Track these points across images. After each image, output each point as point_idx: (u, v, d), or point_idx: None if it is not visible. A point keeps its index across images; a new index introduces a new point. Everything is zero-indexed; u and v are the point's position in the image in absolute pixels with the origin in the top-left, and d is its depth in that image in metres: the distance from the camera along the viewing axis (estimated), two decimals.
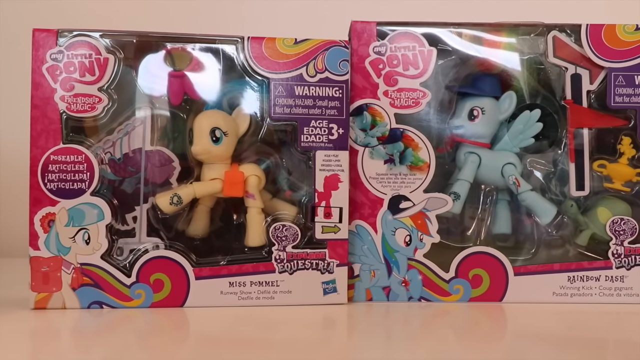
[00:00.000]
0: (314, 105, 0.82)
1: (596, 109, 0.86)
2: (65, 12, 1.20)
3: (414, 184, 0.84)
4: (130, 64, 0.81)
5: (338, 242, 0.82)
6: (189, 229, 0.84)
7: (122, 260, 0.80)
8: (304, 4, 1.20)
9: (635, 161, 0.86)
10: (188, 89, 0.82)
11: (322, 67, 0.82)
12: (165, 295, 0.80)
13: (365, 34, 0.84)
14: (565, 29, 0.85)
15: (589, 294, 0.85)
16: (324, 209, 0.82)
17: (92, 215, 0.78)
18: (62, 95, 0.78)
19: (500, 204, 0.89)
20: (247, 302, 0.81)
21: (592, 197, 0.87)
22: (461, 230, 0.88)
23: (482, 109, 0.86)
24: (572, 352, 0.67)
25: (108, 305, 0.79)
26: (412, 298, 0.85)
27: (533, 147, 0.88)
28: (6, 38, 1.22)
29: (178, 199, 0.80)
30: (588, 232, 0.87)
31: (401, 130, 0.84)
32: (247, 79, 0.83)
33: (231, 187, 0.81)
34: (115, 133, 0.81)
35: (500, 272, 0.85)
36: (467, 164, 0.87)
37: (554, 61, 0.86)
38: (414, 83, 0.84)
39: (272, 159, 0.85)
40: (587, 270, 0.85)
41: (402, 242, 0.84)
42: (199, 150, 0.80)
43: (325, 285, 0.82)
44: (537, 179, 0.88)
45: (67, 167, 0.78)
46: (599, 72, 0.85)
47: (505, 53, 0.86)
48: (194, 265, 0.80)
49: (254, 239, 0.82)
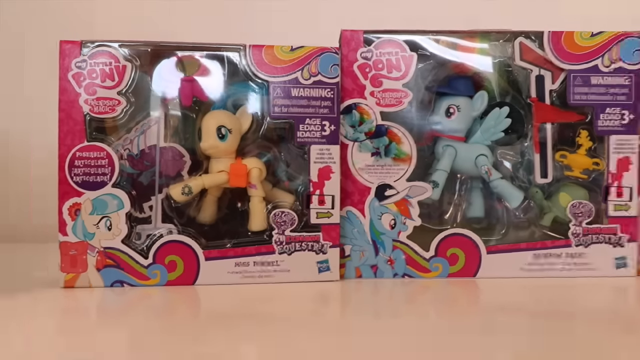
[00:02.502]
0: (308, 105, 0.82)
1: (558, 106, 0.86)
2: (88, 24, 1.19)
3: (398, 174, 0.84)
4: (146, 71, 0.81)
5: (331, 226, 0.82)
6: (198, 216, 0.84)
7: (140, 244, 0.81)
8: (299, 16, 1.20)
9: (591, 152, 0.86)
10: (197, 92, 0.82)
11: (315, 71, 0.82)
12: (178, 275, 0.80)
13: (354, 41, 0.84)
14: (530, 36, 0.85)
15: (552, 269, 0.85)
16: (318, 197, 0.82)
17: (113, 205, 0.79)
18: (86, 99, 0.78)
19: (474, 191, 0.89)
20: (251, 280, 0.81)
21: (555, 184, 0.88)
22: (440, 214, 0.88)
23: (458, 106, 0.86)
24: (538, 320, 0.67)
25: (128, 284, 0.79)
26: (397, 275, 0.85)
27: (503, 140, 0.88)
28: (35, 49, 1.22)
29: (189, 189, 0.80)
30: (551, 214, 0.88)
31: (386, 127, 0.84)
32: (249, 82, 0.82)
33: (236, 178, 0.81)
34: (132, 132, 0.82)
35: (474, 251, 0.85)
36: (445, 155, 0.87)
37: (520, 64, 0.86)
38: (397, 84, 0.84)
39: (272, 153, 0.85)
40: (551, 248, 0.85)
41: (387, 225, 0.85)
42: (207, 146, 0.81)
43: (319, 265, 0.82)
44: (507, 168, 0.88)
45: (91, 162, 0.78)
46: (560, 73, 0.85)
47: (478, 57, 0.87)
48: (203, 248, 0.80)
49: (256, 224, 0.82)
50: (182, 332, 0.63)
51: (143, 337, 0.62)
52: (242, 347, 0.59)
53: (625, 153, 0.85)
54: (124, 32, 0.87)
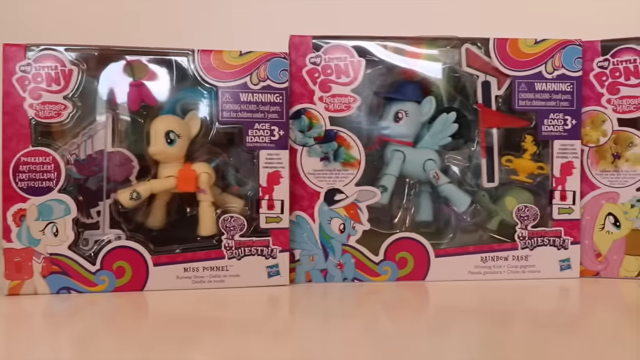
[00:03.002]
0: (257, 110, 0.82)
1: (503, 111, 0.88)
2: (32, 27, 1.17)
3: (347, 179, 0.85)
4: (93, 75, 0.81)
5: (280, 230, 0.83)
6: (147, 221, 0.84)
7: (88, 250, 0.80)
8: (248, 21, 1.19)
9: (536, 156, 0.88)
10: (145, 96, 0.82)
11: (264, 76, 0.82)
12: (126, 281, 0.80)
13: (303, 46, 0.85)
14: (476, 42, 0.87)
15: (499, 272, 0.87)
16: (267, 202, 0.82)
17: (60, 210, 0.78)
18: (31, 103, 0.78)
19: (422, 195, 0.90)
20: (200, 285, 0.81)
21: (501, 188, 0.89)
22: (389, 219, 0.89)
23: (406, 112, 0.88)
24: (486, 321, 0.68)
25: (75, 291, 0.79)
26: (347, 279, 0.86)
27: (450, 145, 0.89)
28: None
29: (137, 194, 0.80)
30: (498, 218, 0.89)
31: (335, 131, 0.85)
32: (198, 87, 0.83)
33: (185, 183, 0.81)
34: (79, 137, 0.81)
35: (423, 254, 0.86)
36: (393, 160, 0.87)
37: (467, 70, 0.87)
38: (346, 89, 0.85)
39: (221, 158, 0.85)
40: (498, 251, 0.87)
41: (337, 229, 0.85)
42: (155, 150, 0.81)
43: (269, 269, 0.83)
44: (454, 172, 0.89)
45: (36, 167, 0.78)
46: (505, 79, 0.87)
47: (426, 63, 0.88)
48: (152, 254, 0.80)
49: (205, 229, 0.82)
50: (130, 338, 0.63)
51: (89, 343, 0.62)
52: (191, 353, 0.59)
53: (569, 157, 0.87)
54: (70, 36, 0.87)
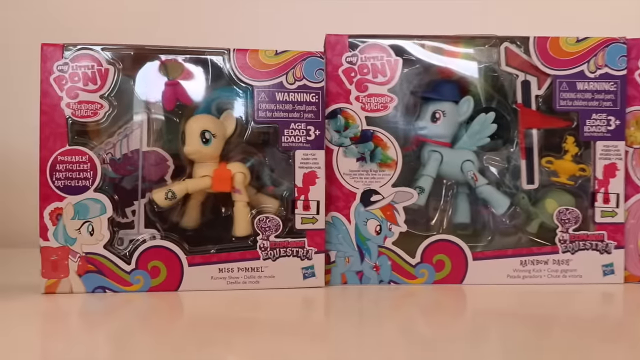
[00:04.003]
0: (293, 110, 0.83)
1: (544, 111, 0.88)
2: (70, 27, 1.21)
3: (383, 179, 0.86)
4: (128, 74, 0.82)
5: (316, 231, 0.84)
6: (182, 221, 0.85)
7: (123, 249, 0.82)
8: (284, 20, 1.21)
9: (577, 158, 0.88)
10: (180, 96, 0.84)
11: (300, 75, 0.83)
12: (161, 281, 0.81)
13: (339, 45, 0.86)
14: (515, 41, 0.87)
15: (539, 276, 0.87)
16: (303, 202, 0.83)
17: (96, 209, 0.80)
18: (68, 102, 0.80)
19: (460, 197, 0.90)
20: (235, 286, 0.82)
21: (541, 190, 0.89)
22: (426, 220, 0.89)
23: (444, 112, 0.88)
24: (524, 326, 0.68)
25: (110, 290, 0.81)
26: (382, 281, 0.86)
27: (489, 146, 0.89)
28: (17, 52, 1.23)
29: (172, 194, 0.82)
30: (537, 221, 0.89)
31: (371, 132, 0.86)
32: (233, 87, 0.84)
33: (220, 183, 0.82)
34: (115, 136, 0.83)
35: (460, 257, 0.86)
36: (431, 161, 0.88)
37: (506, 69, 0.87)
38: (382, 89, 0.86)
39: (256, 157, 0.86)
40: (537, 255, 0.87)
41: (373, 231, 0.86)
42: (191, 150, 0.82)
43: (304, 271, 0.84)
44: (493, 174, 0.90)
45: (73, 166, 0.80)
46: (546, 79, 0.87)
47: (463, 62, 0.88)
48: (187, 254, 0.82)
49: (240, 230, 0.83)
50: (164, 338, 0.64)
51: (124, 342, 0.63)
52: (225, 354, 0.60)
53: (612, 159, 0.87)
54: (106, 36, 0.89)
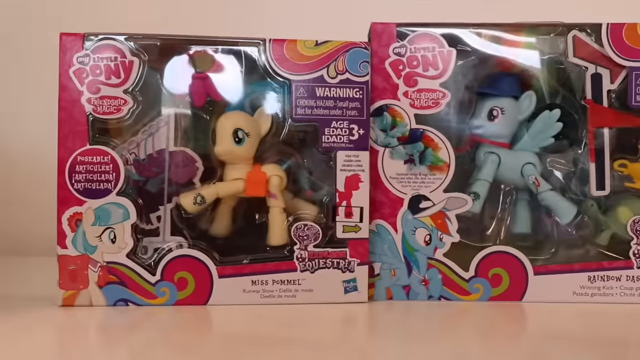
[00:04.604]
0: (334, 106, 0.82)
1: (617, 108, 0.85)
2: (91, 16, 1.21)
3: (434, 184, 0.84)
4: (154, 67, 0.81)
5: (359, 241, 0.82)
6: (212, 228, 0.84)
7: (147, 258, 0.80)
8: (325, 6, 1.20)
9: None
10: (211, 91, 0.82)
11: (342, 68, 0.82)
12: (189, 293, 0.80)
13: (385, 35, 0.84)
14: (585, 29, 0.84)
15: (610, 294, 0.84)
16: (345, 209, 0.82)
17: (118, 215, 0.79)
18: (89, 98, 0.79)
19: (519, 204, 0.88)
20: (269, 300, 0.81)
21: (613, 197, 0.86)
22: (481, 230, 0.87)
23: (502, 109, 0.86)
24: (594, 352, 0.66)
25: (133, 303, 0.79)
26: (432, 297, 0.85)
27: (553, 147, 0.87)
28: (34, 42, 1.24)
29: (201, 198, 0.80)
30: (609, 231, 0.86)
31: (421, 131, 0.84)
32: (269, 81, 0.82)
33: (253, 187, 0.81)
34: (139, 134, 0.82)
35: (520, 271, 0.84)
36: (487, 163, 0.86)
37: (574, 61, 0.85)
38: (434, 84, 0.84)
39: (293, 159, 0.85)
40: (608, 270, 0.84)
41: (422, 241, 0.84)
42: (222, 150, 0.81)
43: (346, 284, 0.82)
44: (557, 178, 0.87)
45: (94, 167, 0.78)
46: (620, 71, 0.84)
47: (525, 53, 0.86)
48: (217, 264, 0.80)
49: (276, 238, 0.82)
50: (191, 356, 0.63)
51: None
52: None
53: None
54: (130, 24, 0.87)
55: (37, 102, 1.15)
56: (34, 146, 1.23)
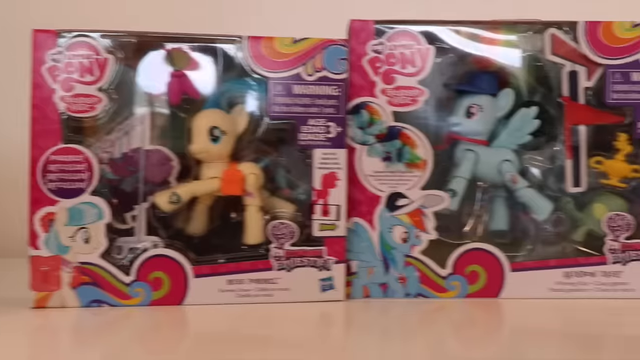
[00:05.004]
0: (312, 104, 0.82)
1: (593, 105, 0.85)
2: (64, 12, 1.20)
3: (411, 181, 0.84)
4: (130, 64, 0.81)
5: (336, 239, 0.82)
6: (188, 227, 0.83)
7: (121, 259, 0.80)
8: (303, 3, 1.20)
9: (631, 157, 0.85)
10: (187, 88, 0.82)
11: (320, 65, 0.82)
12: (164, 294, 0.80)
13: (364, 32, 0.84)
14: (562, 27, 0.85)
15: (585, 290, 0.85)
16: (321, 207, 0.82)
17: (92, 215, 0.78)
18: (62, 96, 0.78)
19: (497, 201, 0.88)
20: (246, 300, 0.81)
21: (589, 193, 0.87)
22: (458, 227, 0.88)
23: (480, 106, 0.86)
24: (569, 347, 0.67)
25: (107, 304, 0.79)
26: (409, 294, 0.85)
27: (530, 144, 0.87)
28: (6, 39, 1.22)
29: (177, 197, 0.80)
30: (584, 228, 0.87)
31: (398, 128, 0.84)
32: (246, 78, 0.82)
33: (230, 185, 0.81)
34: (114, 133, 0.81)
35: (497, 268, 0.84)
36: (465, 161, 0.86)
37: (551, 58, 0.85)
38: (412, 81, 0.84)
39: (270, 157, 0.84)
40: (583, 265, 0.85)
41: (399, 239, 0.84)
42: (197, 149, 0.80)
43: (322, 282, 0.82)
44: (534, 175, 0.88)
45: (67, 166, 0.78)
46: (596, 69, 0.85)
47: (503, 50, 0.86)
48: (192, 264, 0.80)
49: (252, 237, 0.82)
50: (166, 357, 0.63)
51: None
52: None
53: None
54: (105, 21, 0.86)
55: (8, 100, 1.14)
56: (5, 145, 1.22)
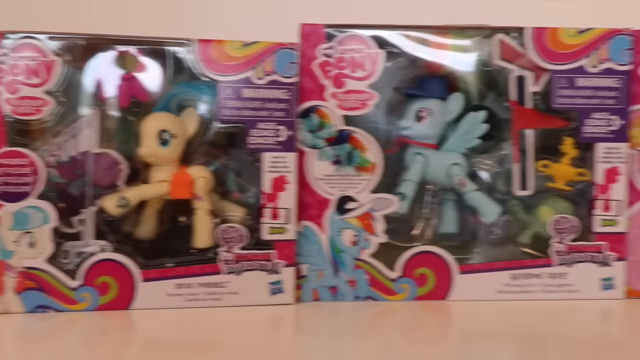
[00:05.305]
0: (262, 108, 0.81)
1: (540, 110, 0.86)
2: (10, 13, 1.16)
3: (361, 185, 0.84)
4: (78, 66, 0.79)
5: (285, 242, 0.82)
6: (136, 231, 0.83)
7: (68, 263, 0.79)
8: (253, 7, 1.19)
9: (576, 161, 0.86)
10: (136, 91, 0.81)
11: (270, 69, 0.81)
12: (111, 298, 0.79)
13: (314, 36, 0.83)
14: (510, 32, 0.85)
15: (532, 291, 0.85)
16: (271, 210, 0.82)
17: (37, 219, 0.77)
18: (8, 98, 0.77)
19: (446, 204, 0.89)
20: (194, 304, 0.80)
21: (536, 196, 0.87)
22: (408, 230, 0.88)
23: (430, 110, 0.86)
24: (516, 347, 0.68)
25: (53, 309, 0.78)
26: (359, 297, 0.85)
27: (479, 148, 0.87)
28: None
29: (125, 201, 0.79)
30: (531, 230, 0.88)
31: (348, 132, 0.84)
32: (196, 82, 0.81)
33: (179, 189, 0.80)
34: (61, 136, 0.80)
35: (445, 270, 0.85)
36: (414, 164, 0.86)
37: (499, 63, 0.85)
38: (362, 85, 0.84)
39: (220, 160, 0.84)
40: (530, 268, 0.86)
41: (348, 242, 0.84)
42: (146, 152, 0.79)
43: (272, 286, 0.82)
44: (483, 179, 0.88)
45: (12, 170, 0.76)
46: (543, 74, 0.85)
47: (453, 55, 0.86)
48: (140, 268, 0.79)
49: (201, 241, 0.81)
50: None
51: None
52: None
53: (614, 163, 0.85)
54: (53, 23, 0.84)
55: None
56: None
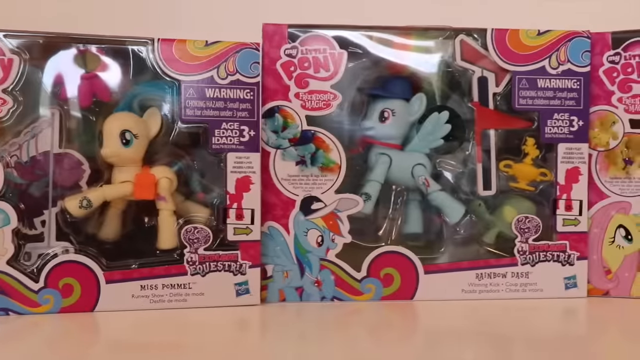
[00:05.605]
0: (225, 108, 0.81)
1: (502, 110, 0.87)
2: None
3: (326, 185, 0.84)
4: (37, 65, 0.79)
5: (250, 243, 0.82)
6: (100, 232, 0.82)
7: (30, 265, 0.78)
8: (215, 6, 1.19)
9: (538, 161, 0.87)
10: (98, 91, 0.81)
11: (233, 69, 0.81)
12: (75, 300, 0.78)
13: (277, 36, 0.84)
14: (472, 33, 0.86)
15: (497, 290, 0.86)
16: (235, 211, 0.82)
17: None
18: None
19: (411, 204, 0.89)
20: (159, 305, 0.80)
21: (499, 196, 0.88)
22: (373, 230, 0.88)
23: (393, 110, 0.87)
24: (481, 346, 0.68)
25: (15, 312, 0.77)
26: (325, 298, 0.85)
27: (443, 148, 0.88)
28: None
29: (88, 202, 0.79)
30: (495, 230, 0.88)
31: (312, 132, 0.84)
32: (158, 81, 0.81)
33: (142, 189, 0.80)
34: (22, 135, 0.79)
35: (410, 270, 0.85)
36: (378, 164, 0.87)
37: (461, 64, 0.86)
38: (325, 85, 0.84)
39: (183, 161, 0.84)
40: (494, 267, 0.86)
41: (314, 242, 0.84)
42: (109, 153, 0.79)
43: (237, 287, 0.82)
44: (447, 179, 0.89)
45: None
46: (504, 75, 0.86)
47: (416, 56, 0.87)
48: (104, 269, 0.79)
49: (165, 242, 0.81)
50: None
51: None
52: None
53: (575, 163, 0.86)
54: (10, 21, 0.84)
55: None
56: None
